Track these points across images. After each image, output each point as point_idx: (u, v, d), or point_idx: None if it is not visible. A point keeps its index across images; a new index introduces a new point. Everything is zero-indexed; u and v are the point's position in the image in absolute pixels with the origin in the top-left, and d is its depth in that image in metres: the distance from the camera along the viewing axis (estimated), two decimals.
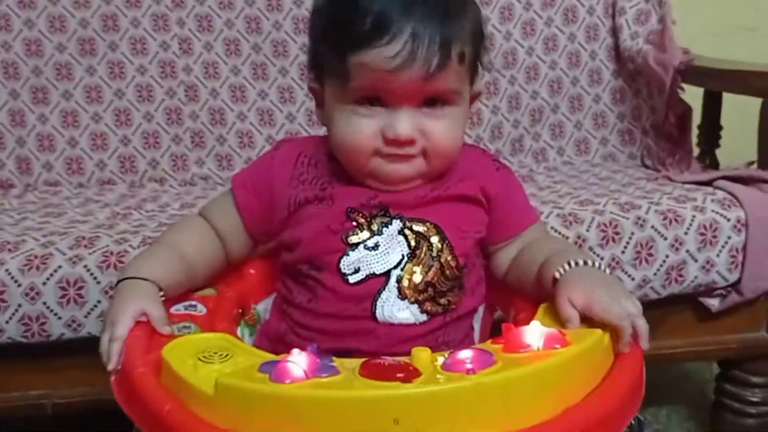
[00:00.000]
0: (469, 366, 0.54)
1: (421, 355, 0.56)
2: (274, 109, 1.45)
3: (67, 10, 1.39)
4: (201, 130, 1.43)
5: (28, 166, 1.38)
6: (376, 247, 0.72)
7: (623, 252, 1.03)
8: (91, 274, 0.94)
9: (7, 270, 0.93)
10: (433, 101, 0.70)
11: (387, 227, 0.73)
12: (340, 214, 0.73)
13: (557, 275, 0.67)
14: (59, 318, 0.94)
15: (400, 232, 0.73)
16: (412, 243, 0.73)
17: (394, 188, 0.73)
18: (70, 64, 1.40)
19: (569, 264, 0.67)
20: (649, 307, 1.04)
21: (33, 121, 1.39)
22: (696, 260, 1.05)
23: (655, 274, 1.04)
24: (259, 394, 0.53)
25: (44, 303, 0.93)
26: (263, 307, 0.83)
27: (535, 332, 0.59)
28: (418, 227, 0.73)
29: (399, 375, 0.53)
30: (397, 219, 0.73)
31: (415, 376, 0.53)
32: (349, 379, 0.54)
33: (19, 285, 0.92)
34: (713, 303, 1.09)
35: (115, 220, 1.12)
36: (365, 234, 0.72)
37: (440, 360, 0.56)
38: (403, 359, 0.56)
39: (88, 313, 0.94)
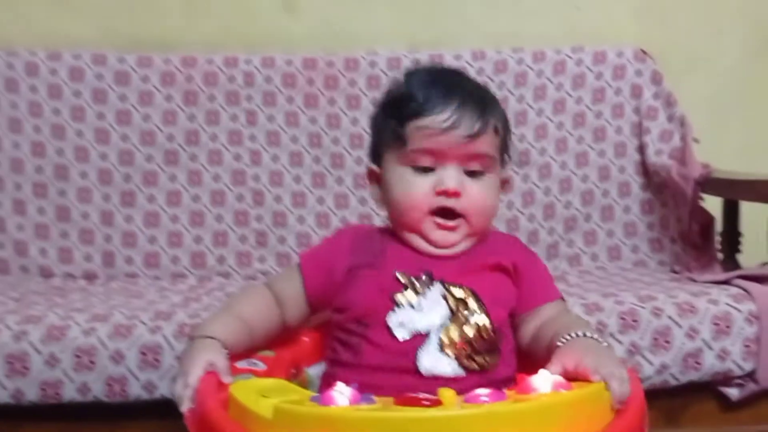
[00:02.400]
0: (484, 399, 0.65)
1: (446, 393, 0.67)
2: (330, 214, 1.62)
3: (157, 126, 1.61)
4: (264, 231, 1.60)
5: (112, 260, 1.57)
6: (420, 307, 0.84)
7: (641, 338, 1.12)
8: (168, 342, 1.08)
9: (97, 336, 1.08)
10: (474, 168, 0.86)
11: (429, 289, 0.85)
12: (388, 276, 0.86)
13: (559, 344, 0.78)
14: (138, 380, 1.07)
15: (442, 295, 0.85)
16: (452, 305, 0.84)
17: (442, 252, 0.87)
18: (155, 172, 1.61)
19: (569, 335, 0.78)
20: (671, 394, 1.14)
21: (120, 221, 1.58)
22: (711, 348, 1.13)
23: (672, 359, 1.12)
24: (309, 416, 0.65)
25: (126, 366, 1.07)
26: (314, 372, 0.95)
27: (544, 379, 0.70)
28: (457, 291, 0.85)
29: (425, 403, 0.64)
30: (438, 283, 0.85)
31: (438, 405, 0.64)
32: (385, 407, 0.65)
33: (107, 349, 1.07)
34: (733, 392, 1.16)
35: (188, 302, 1.27)
36: (410, 294, 0.85)
37: (462, 397, 0.67)
38: (432, 396, 0.67)
39: (162, 376, 1.07)
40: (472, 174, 0.86)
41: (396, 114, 0.87)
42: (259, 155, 1.63)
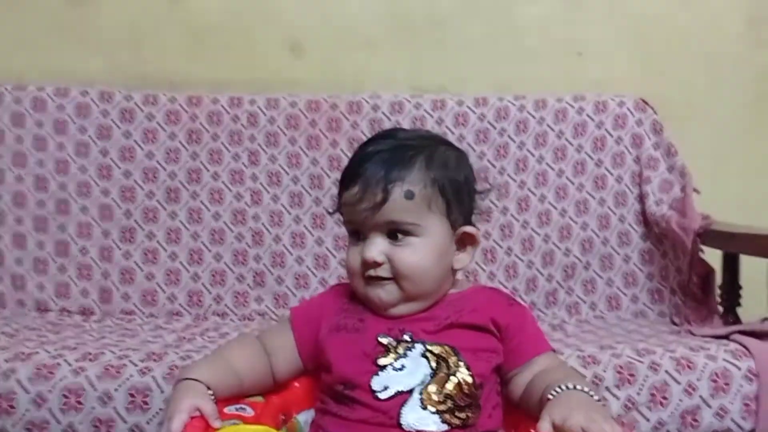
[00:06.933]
0: None
1: None
2: (328, 255, 1.62)
3: (159, 164, 1.63)
4: (263, 271, 1.60)
5: (109, 296, 1.56)
6: (402, 368, 0.84)
7: (638, 394, 1.10)
8: (158, 384, 1.07)
9: (86, 376, 1.07)
10: (395, 233, 0.86)
11: (411, 350, 0.85)
12: (371, 340, 0.87)
13: (550, 397, 0.77)
14: (125, 422, 1.06)
15: (423, 354, 0.85)
16: (433, 364, 0.84)
17: (384, 313, 0.88)
18: (156, 209, 1.61)
19: (561, 388, 0.77)
20: None
21: (119, 256, 1.58)
22: (710, 406, 1.11)
23: (669, 416, 1.10)
24: None
25: (114, 408, 1.06)
26: (304, 419, 0.93)
27: None
28: (437, 350, 0.85)
29: None
30: (419, 343, 0.86)
31: None
32: None
33: (96, 390, 1.06)
34: None
35: (182, 342, 1.26)
36: (392, 357, 0.85)
37: None
38: None
39: (150, 420, 1.06)
40: (397, 238, 0.86)
41: (339, 187, 0.91)
42: (260, 195, 1.63)
